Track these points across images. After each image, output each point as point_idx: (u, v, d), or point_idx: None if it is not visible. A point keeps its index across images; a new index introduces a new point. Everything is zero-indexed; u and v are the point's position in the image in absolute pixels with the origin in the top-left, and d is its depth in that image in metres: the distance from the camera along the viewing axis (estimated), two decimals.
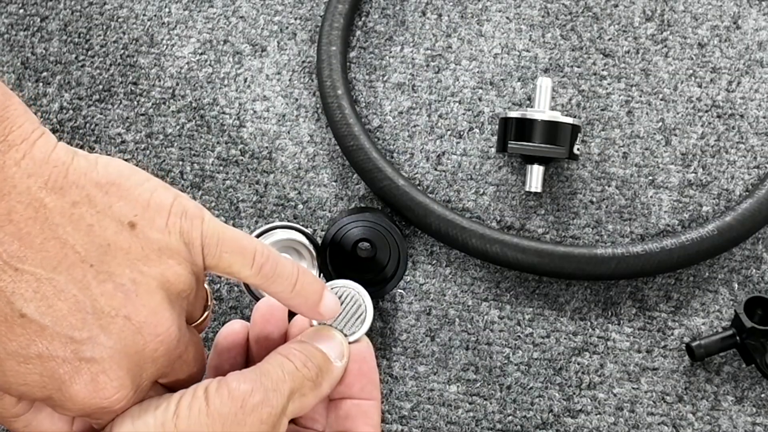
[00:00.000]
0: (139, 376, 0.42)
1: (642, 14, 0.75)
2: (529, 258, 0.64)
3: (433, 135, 0.71)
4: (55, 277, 0.39)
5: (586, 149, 0.70)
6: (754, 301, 0.63)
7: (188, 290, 0.43)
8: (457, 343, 0.64)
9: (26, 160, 0.40)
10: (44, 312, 0.39)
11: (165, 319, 0.42)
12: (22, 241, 0.39)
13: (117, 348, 0.41)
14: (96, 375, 0.40)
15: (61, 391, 0.40)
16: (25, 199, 0.39)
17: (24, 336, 0.39)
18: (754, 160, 0.70)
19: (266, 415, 0.43)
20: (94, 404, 0.41)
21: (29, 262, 0.39)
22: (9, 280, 0.39)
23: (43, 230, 0.39)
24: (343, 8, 0.73)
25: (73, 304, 0.40)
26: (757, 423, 0.61)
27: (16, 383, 0.40)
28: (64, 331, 0.39)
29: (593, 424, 0.61)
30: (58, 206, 0.40)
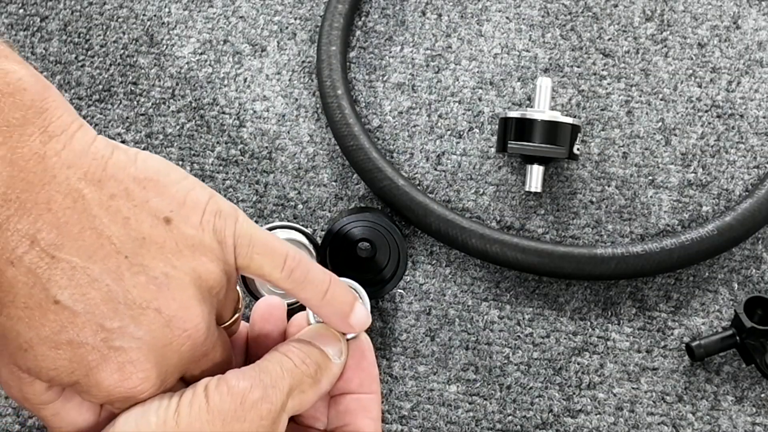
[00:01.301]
0: (165, 369, 0.42)
1: (642, 14, 0.75)
2: (529, 258, 0.64)
3: (433, 135, 0.71)
4: (90, 266, 0.40)
5: (586, 149, 0.70)
6: (753, 301, 0.63)
7: (219, 287, 0.44)
8: (457, 343, 0.64)
9: (66, 151, 0.40)
10: (78, 299, 0.40)
11: (194, 315, 0.42)
12: (60, 230, 0.39)
13: (146, 339, 0.41)
14: (123, 364, 0.41)
15: (89, 377, 0.41)
16: (64, 189, 0.40)
17: (56, 322, 0.40)
18: (754, 160, 0.70)
19: (266, 411, 0.43)
20: (120, 392, 0.41)
21: (66, 251, 0.39)
22: (45, 267, 0.39)
23: (81, 220, 0.40)
24: (343, 8, 0.73)
25: (105, 294, 0.40)
26: (757, 423, 0.61)
27: (46, 368, 0.40)
28: (96, 319, 0.40)
29: (593, 424, 0.61)
30: (96, 198, 0.40)
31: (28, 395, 0.43)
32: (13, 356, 0.41)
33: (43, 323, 0.40)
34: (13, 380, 0.42)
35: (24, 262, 0.39)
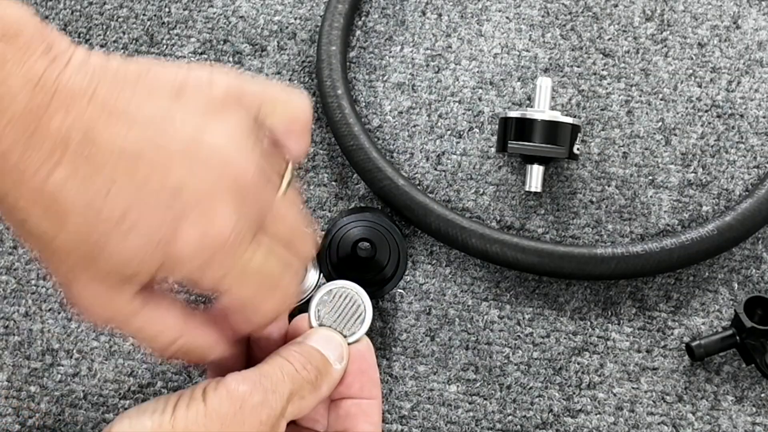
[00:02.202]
0: (241, 208, 0.41)
1: (642, 14, 0.75)
2: (529, 258, 0.64)
3: (433, 135, 0.71)
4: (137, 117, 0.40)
5: (586, 149, 0.70)
6: (753, 301, 0.63)
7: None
8: (456, 343, 0.64)
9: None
10: (130, 175, 0.40)
11: (240, 155, 0.42)
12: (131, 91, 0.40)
13: (204, 186, 0.41)
14: (200, 214, 0.40)
15: (171, 243, 0.40)
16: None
17: (121, 204, 0.40)
18: (754, 159, 0.70)
19: (265, 416, 0.43)
20: (209, 242, 0.40)
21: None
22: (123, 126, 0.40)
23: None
24: (343, 8, 0.73)
25: (156, 160, 0.40)
26: (757, 423, 0.61)
27: (128, 255, 0.40)
28: (155, 186, 0.40)
29: (593, 424, 0.61)
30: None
31: (118, 306, 0.42)
32: (95, 262, 0.40)
33: (109, 211, 0.39)
34: (99, 296, 0.42)
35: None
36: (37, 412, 0.61)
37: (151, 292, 0.44)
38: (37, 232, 0.40)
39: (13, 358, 0.63)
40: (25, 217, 0.40)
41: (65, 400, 0.61)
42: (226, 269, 0.42)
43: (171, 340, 0.45)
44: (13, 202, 0.40)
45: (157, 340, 0.44)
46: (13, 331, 0.64)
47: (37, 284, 0.65)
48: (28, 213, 0.40)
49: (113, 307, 0.43)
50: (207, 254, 0.41)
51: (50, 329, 0.64)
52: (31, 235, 0.41)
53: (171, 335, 0.45)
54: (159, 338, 0.44)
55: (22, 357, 0.63)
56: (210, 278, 0.42)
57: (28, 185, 0.39)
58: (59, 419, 0.61)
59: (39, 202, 0.39)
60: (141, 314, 0.43)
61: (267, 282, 0.44)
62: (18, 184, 0.39)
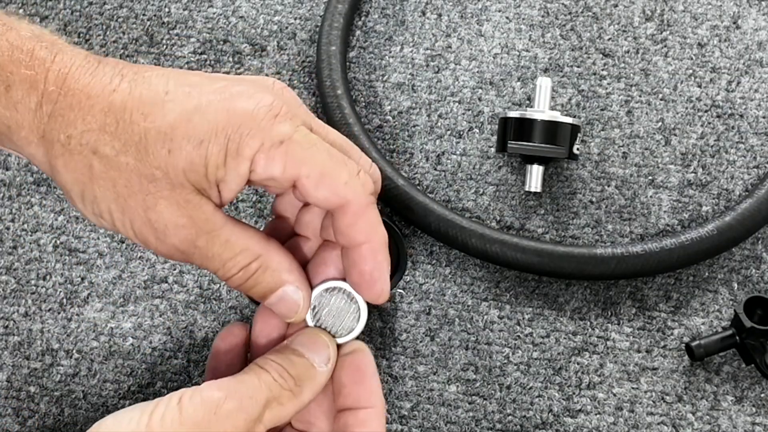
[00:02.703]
0: (285, 100, 0.45)
1: (642, 14, 0.75)
2: (529, 258, 0.64)
3: (433, 135, 0.71)
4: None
5: (586, 149, 0.70)
6: (753, 301, 0.63)
7: None
8: (456, 343, 0.64)
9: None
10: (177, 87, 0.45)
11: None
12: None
13: (254, 83, 0.46)
14: (251, 95, 0.45)
15: (232, 110, 0.44)
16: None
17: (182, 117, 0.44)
18: (754, 159, 0.70)
19: (241, 421, 0.42)
20: (263, 108, 0.44)
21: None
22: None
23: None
24: (342, 8, 0.73)
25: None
26: (757, 423, 0.61)
27: (200, 153, 0.44)
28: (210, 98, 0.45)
29: (593, 424, 0.61)
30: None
31: (200, 220, 0.44)
32: (168, 171, 0.43)
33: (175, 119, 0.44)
34: (181, 212, 0.44)
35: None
36: (37, 413, 0.61)
37: (227, 215, 0.45)
38: (108, 153, 0.43)
39: (12, 359, 0.63)
40: (95, 142, 0.43)
41: (65, 401, 0.61)
42: (291, 130, 0.44)
43: (253, 256, 0.45)
44: (81, 131, 0.43)
45: (238, 260, 0.45)
46: (12, 332, 0.64)
47: (36, 284, 0.65)
48: (97, 137, 0.43)
49: (197, 221, 0.44)
50: (265, 116, 0.44)
51: (50, 329, 0.64)
52: (102, 161, 0.44)
53: (253, 252, 0.45)
54: (240, 257, 0.45)
55: (21, 357, 0.63)
56: (281, 147, 0.44)
57: (95, 100, 0.43)
58: (59, 420, 0.61)
59: (108, 116, 0.44)
60: (224, 230, 0.45)
61: (336, 154, 0.45)
62: (87, 103, 0.43)
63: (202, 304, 0.64)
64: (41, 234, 0.67)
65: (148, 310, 0.64)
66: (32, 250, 0.66)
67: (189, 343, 0.63)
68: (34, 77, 0.44)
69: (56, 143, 0.44)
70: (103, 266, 0.66)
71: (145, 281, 0.65)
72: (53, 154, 0.45)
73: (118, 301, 0.64)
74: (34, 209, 0.67)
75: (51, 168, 0.45)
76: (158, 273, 0.65)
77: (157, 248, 0.45)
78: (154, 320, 0.64)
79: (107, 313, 0.64)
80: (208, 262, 0.46)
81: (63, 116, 0.44)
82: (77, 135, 0.44)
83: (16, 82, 0.44)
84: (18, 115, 0.44)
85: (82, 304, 0.64)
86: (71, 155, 0.44)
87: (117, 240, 0.66)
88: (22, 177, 0.68)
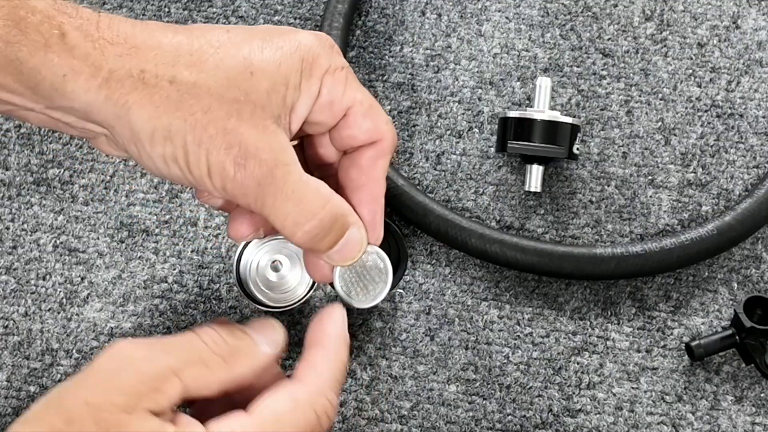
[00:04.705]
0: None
1: (641, 14, 0.75)
2: (529, 258, 0.64)
3: (433, 135, 0.71)
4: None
5: (586, 149, 0.70)
6: (753, 301, 0.63)
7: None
8: (456, 343, 0.64)
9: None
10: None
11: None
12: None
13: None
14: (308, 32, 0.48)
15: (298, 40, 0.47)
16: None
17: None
18: (754, 159, 0.70)
19: (148, 369, 0.42)
20: (320, 37, 0.47)
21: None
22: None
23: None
24: (342, 8, 0.73)
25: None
26: (757, 423, 0.61)
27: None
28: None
29: (593, 424, 0.61)
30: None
31: (280, 146, 0.45)
32: (244, 97, 0.44)
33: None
34: (263, 135, 0.45)
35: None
36: None
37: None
38: (186, 80, 0.44)
39: (12, 358, 0.63)
40: (171, 72, 0.44)
41: None
42: (345, 61, 0.48)
43: (324, 201, 0.47)
44: (155, 64, 0.44)
45: (311, 205, 0.46)
46: (12, 331, 0.64)
47: (36, 284, 0.65)
48: (172, 68, 0.44)
49: (275, 149, 0.45)
50: (326, 45, 0.47)
51: (50, 329, 0.64)
52: (180, 90, 0.44)
53: (324, 195, 0.47)
54: (313, 202, 0.46)
55: (21, 357, 0.63)
56: (341, 72, 0.48)
57: (164, 41, 0.44)
58: None
59: (179, 51, 0.44)
60: (296, 167, 0.46)
61: (372, 100, 0.49)
62: (154, 42, 0.44)
63: (202, 304, 0.64)
64: (41, 234, 0.67)
65: (147, 310, 0.64)
66: (32, 249, 0.66)
67: None
68: (86, 26, 0.43)
69: (127, 80, 0.43)
70: (103, 266, 0.66)
71: (145, 281, 0.65)
72: (124, 92, 0.43)
73: (118, 301, 0.64)
74: (33, 209, 0.67)
75: (119, 109, 0.43)
76: (158, 273, 0.65)
77: (225, 186, 0.45)
78: (154, 320, 0.64)
79: (107, 313, 0.64)
80: (284, 203, 0.45)
81: (132, 55, 0.43)
82: (151, 68, 0.43)
83: (69, 30, 0.43)
84: (76, 62, 0.43)
85: (82, 304, 0.64)
86: (146, 88, 0.43)
87: (117, 240, 0.66)
88: (22, 177, 0.68)
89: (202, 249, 0.66)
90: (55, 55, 0.43)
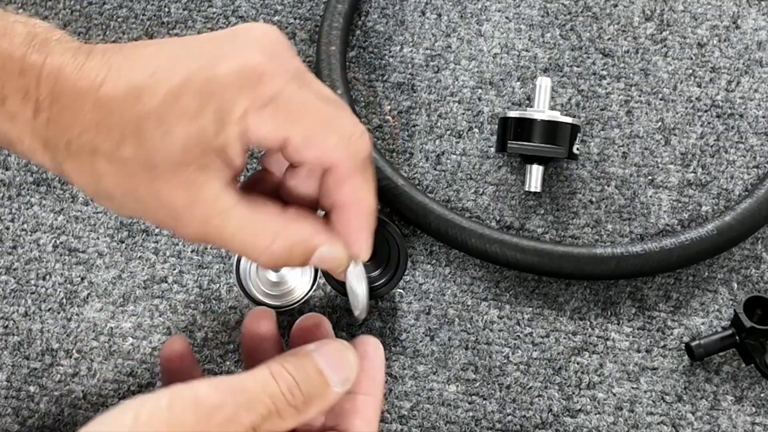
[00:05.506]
0: (272, 55, 0.44)
1: (641, 14, 0.75)
2: (529, 258, 0.64)
3: (433, 135, 0.71)
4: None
5: (586, 149, 0.70)
6: (753, 301, 0.63)
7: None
8: (456, 343, 0.64)
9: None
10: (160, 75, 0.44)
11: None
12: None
13: (242, 39, 0.45)
14: (238, 53, 0.44)
15: (215, 73, 0.43)
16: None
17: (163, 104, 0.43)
18: (754, 159, 0.70)
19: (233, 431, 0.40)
20: (248, 68, 0.43)
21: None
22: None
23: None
24: (342, 8, 0.73)
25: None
26: (757, 423, 0.61)
27: (187, 130, 0.43)
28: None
29: (593, 424, 0.61)
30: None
31: (209, 201, 0.43)
32: (163, 152, 0.43)
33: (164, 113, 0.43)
34: (189, 193, 0.43)
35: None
36: (37, 413, 0.61)
37: (240, 193, 0.45)
38: (107, 149, 0.43)
39: (12, 358, 0.63)
40: (93, 141, 0.43)
41: (64, 401, 0.61)
42: (278, 88, 0.43)
43: (271, 237, 0.44)
44: (78, 132, 0.43)
45: (258, 242, 0.44)
46: (12, 331, 0.64)
47: (36, 284, 0.65)
48: (94, 135, 0.43)
49: (205, 201, 0.43)
50: (250, 76, 0.43)
51: (50, 329, 0.64)
52: (104, 159, 0.44)
53: (271, 232, 0.44)
54: (259, 239, 0.44)
55: (21, 357, 0.63)
56: (268, 108, 0.43)
57: (85, 98, 0.43)
58: (58, 419, 0.61)
59: (100, 111, 0.43)
60: (236, 209, 0.44)
61: (327, 115, 0.44)
62: (78, 104, 0.43)
63: (202, 304, 0.64)
64: (41, 234, 0.67)
65: (147, 310, 0.64)
66: (32, 249, 0.66)
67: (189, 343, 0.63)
68: (27, 86, 0.44)
69: (59, 149, 0.44)
70: (103, 266, 0.66)
71: (144, 281, 0.65)
72: (59, 160, 0.44)
73: (117, 301, 0.64)
74: (33, 209, 0.67)
75: (62, 173, 0.45)
76: (158, 273, 0.65)
77: (179, 233, 0.45)
78: (154, 320, 0.64)
79: (107, 313, 0.64)
80: (230, 245, 0.45)
81: (59, 122, 0.44)
82: (76, 138, 0.43)
83: (10, 94, 0.44)
84: (17, 128, 0.44)
85: (82, 303, 0.64)
86: (75, 159, 0.44)
87: (117, 240, 0.66)
88: (22, 177, 0.68)
89: (202, 249, 0.66)
90: (5, 122, 0.44)
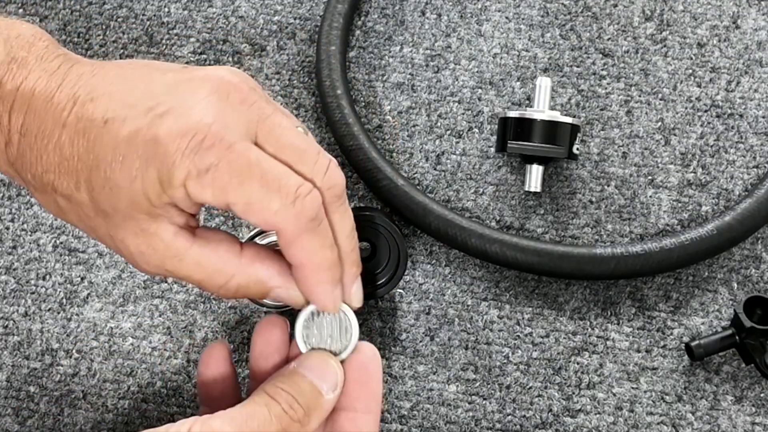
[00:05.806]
0: (224, 104, 0.44)
1: (641, 14, 0.75)
2: (529, 257, 0.64)
3: (433, 135, 0.71)
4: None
5: (586, 149, 0.70)
6: (753, 301, 0.63)
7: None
8: (456, 343, 0.64)
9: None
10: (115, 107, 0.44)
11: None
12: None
13: (192, 84, 0.45)
14: (182, 108, 0.43)
15: (158, 133, 0.42)
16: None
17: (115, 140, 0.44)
18: (754, 159, 0.70)
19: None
20: (190, 129, 0.42)
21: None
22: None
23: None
24: (342, 8, 0.73)
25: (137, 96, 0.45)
26: (757, 423, 0.61)
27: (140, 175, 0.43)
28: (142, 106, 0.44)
29: (592, 424, 0.61)
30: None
31: (163, 245, 0.44)
32: (113, 199, 0.43)
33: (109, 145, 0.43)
34: (142, 239, 0.44)
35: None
36: (37, 413, 0.61)
37: (196, 232, 0.45)
38: (66, 192, 0.44)
39: (12, 358, 0.63)
40: (53, 181, 0.44)
41: (64, 401, 0.61)
42: (217, 157, 0.42)
43: (226, 277, 0.45)
44: (41, 171, 0.44)
45: (214, 281, 0.45)
46: (12, 331, 0.64)
47: (36, 284, 0.65)
48: (54, 176, 0.44)
49: (157, 249, 0.44)
50: (191, 142, 0.42)
51: (49, 329, 0.64)
52: (63, 199, 0.45)
53: (226, 273, 0.45)
54: (215, 278, 0.45)
55: (21, 357, 0.63)
56: (207, 174, 0.42)
57: (50, 138, 0.44)
58: (58, 419, 0.61)
59: (60, 153, 0.44)
60: (190, 253, 0.44)
61: (270, 180, 0.43)
62: (42, 143, 0.44)
63: (202, 304, 0.64)
64: (41, 234, 0.67)
65: (147, 310, 0.64)
66: (32, 249, 0.66)
67: (189, 343, 0.63)
68: (0, 115, 0.44)
69: (27, 182, 0.46)
70: (103, 266, 0.66)
71: (144, 281, 0.65)
72: (29, 188, 0.46)
73: (117, 301, 0.64)
74: (33, 209, 0.67)
75: (34, 196, 0.47)
76: None
77: (139, 269, 0.46)
78: (154, 320, 0.64)
79: (107, 313, 0.64)
80: (188, 281, 0.46)
81: (25, 157, 0.45)
82: (39, 175, 0.45)
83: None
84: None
85: (82, 303, 0.64)
86: (40, 193, 0.46)
87: None
88: None
89: None
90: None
